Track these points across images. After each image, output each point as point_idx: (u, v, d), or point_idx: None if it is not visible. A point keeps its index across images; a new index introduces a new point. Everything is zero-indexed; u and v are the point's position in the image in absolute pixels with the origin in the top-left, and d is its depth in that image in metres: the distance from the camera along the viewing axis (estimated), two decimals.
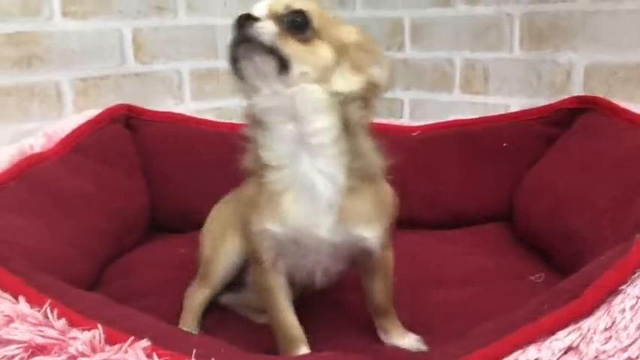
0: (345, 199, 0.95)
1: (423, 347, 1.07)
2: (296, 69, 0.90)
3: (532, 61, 1.95)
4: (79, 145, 1.59)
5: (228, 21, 2.13)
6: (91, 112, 1.72)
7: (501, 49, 2.00)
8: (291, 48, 0.90)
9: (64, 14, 1.77)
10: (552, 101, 1.76)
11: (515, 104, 1.98)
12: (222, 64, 2.14)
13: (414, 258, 1.48)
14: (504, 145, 1.74)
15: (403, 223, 1.68)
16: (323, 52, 0.93)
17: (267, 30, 0.88)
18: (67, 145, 1.57)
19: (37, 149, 1.51)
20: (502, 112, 1.92)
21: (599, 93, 1.74)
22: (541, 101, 1.83)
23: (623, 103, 1.57)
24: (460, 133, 1.80)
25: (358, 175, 0.96)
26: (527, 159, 1.70)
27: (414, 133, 1.84)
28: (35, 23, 1.72)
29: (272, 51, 0.88)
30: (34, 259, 1.12)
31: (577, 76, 1.86)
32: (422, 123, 1.89)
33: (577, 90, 1.85)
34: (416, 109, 2.26)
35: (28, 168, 1.39)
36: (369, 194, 0.98)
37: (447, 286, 1.31)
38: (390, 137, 1.77)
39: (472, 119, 1.84)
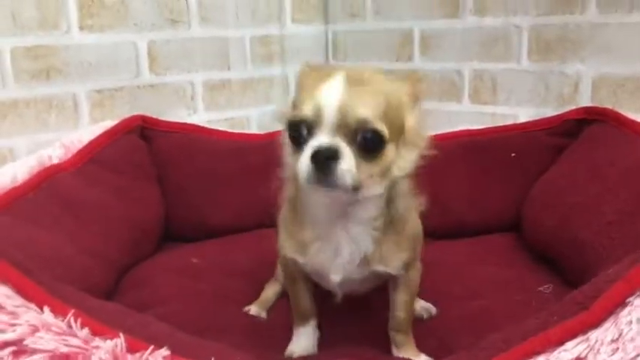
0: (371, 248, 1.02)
1: None
2: (365, 190, 0.93)
3: (540, 72, 1.96)
4: (96, 156, 1.63)
5: (241, 33, 2.19)
6: (107, 123, 1.76)
7: (509, 60, 2.02)
8: (364, 174, 0.90)
9: (81, 27, 1.81)
10: (560, 112, 1.78)
11: (524, 114, 2.00)
12: (234, 74, 2.20)
13: (423, 269, 1.50)
14: (512, 155, 1.76)
15: None
16: (389, 157, 0.93)
17: (350, 175, 0.88)
18: (84, 156, 1.60)
19: (55, 160, 1.55)
20: (510, 122, 1.94)
21: (607, 104, 1.76)
22: (549, 112, 1.85)
23: (631, 115, 1.59)
24: (468, 143, 1.82)
25: (388, 224, 1.02)
26: (535, 169, 1.72)
27: None
28: (53, 36, 1.76)
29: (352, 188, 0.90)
30: (55, 269, 1.15)
31: (585, 87, 1.88)
32: (431, 133, 1.91)
33: (585, 101, 1.86)
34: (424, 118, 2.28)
35: (47, 179, 1.42)
36: (395, 235, 1.03)
37: (456, 299, 1.32)
38: None
39: (480, 129, 1.86)
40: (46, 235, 1.25)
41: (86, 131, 1.71)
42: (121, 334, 0.79)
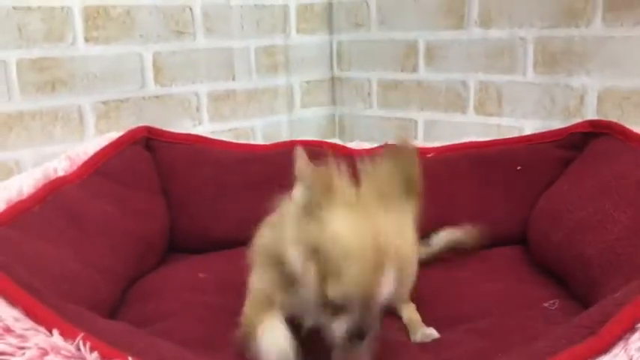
0: None
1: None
2: None
3: (546, 85, 1.96)
4: (101, 167, 1.62)
5: (245, 43, 2.20)
6: (113, 135, 1.76)
7: (515, 72, 2.02)
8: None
9: (87, 39, 1.82)
10: (566, 125, 1.78)
11: (529, 127, 2.00)
12: (239, 85, 2.21)
13: (427, 286, 1.49)
14: (518, 168, 1.76)
15: None
16: None
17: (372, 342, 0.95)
18: (90, 168, 1.60)
19: (61, 172, 1.55)
20: (516, 134, 1.94)
21: (612, 117, 1.75)
22: (555, 124, 1.85)
23: (636, 128, 1.59)
24: (474, 155, 1.81)
25: None
26: (541, 182, 1.71)
27: (428, 155, 1.86)
28: (59, 49, 1.77)
29: None
30: (61, 284, 1.14)
31: (590, 100, 1.88)
32: (436, 144, 1.91)
33: (590, 114, 1.86)
34: (430, 130, 2.29)
35: (52, 192, 1.42)
36: None
37: (462, 321, 1.29)
38: None
39: (486, 141, 1.86)
40: (51, 250, 1.25)
41: (91, 143, 1.71)
42: (130, 358, 0.78)
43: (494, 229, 1.73)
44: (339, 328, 0.91)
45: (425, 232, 1.72)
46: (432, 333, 1.26)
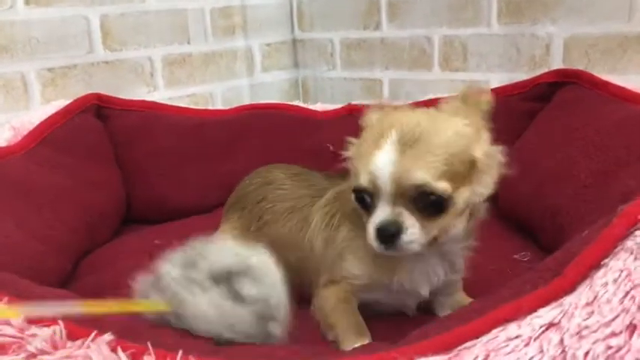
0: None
1: None
2: (442, 239, 0.94)
3: (511, 36, 1.91)
4: (48, 137, 1.54)
5: (200, 4, 2.10)
6: (60, 103, 1.66)
7: (479, 24, 1.96)
8: (435, 230, 0.91)
9: (27, 2, 1.70)
10: (532, 76, 1.74)
11: (495, 80, 1.95)
12: (195, 49, 2.11)
13: None
14: None
15: None
16: (461, 202, 0.92)
17: (416, 243, 0.90)
18: (36, 138, 1.51)
19: (3, 143, 1.46)
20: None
21: (579, 66, 1.72)
22: (521, 76, 1.80)
23: (604, 76, 1.55)
24: None
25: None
26: (508, 135, 1.66)
27: None
28: None
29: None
30: (2, 256, 1.07)
31: (556, 49, 1.83)
32: (402, 102, 1.86)
33: (557, 63, 1.82)
34: (395, 88, 2.22)
35: None
36: None
37: None
38: None
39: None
40: None
41: (37, 112, 1.62)
42: (60, 321, 0.72)
43: None
44: (371, 225, 0.90)
45: None
46: None
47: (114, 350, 0.70)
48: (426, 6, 2.06)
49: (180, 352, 0.69)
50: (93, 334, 0.71)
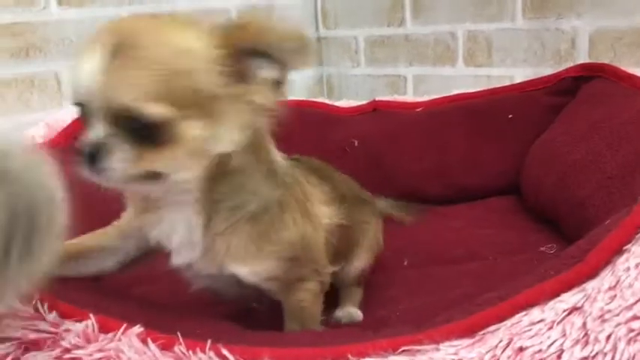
0: (217, 239, 0.85)
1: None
2: (170, 178, 0.78)
3: (536, 30, 1.91)
4: (81, 134, 1.58)
5: (226, 3, 2.13)
6: None
7: (503, 19, 1.97)
8: (152, 163, 0.75)
9: (60, 3, 1.75)
10: (557, 70, 1.74)
11: (520, 75, 1.95)
12: None
13: (420, 234, 1.47)
14: (510, 116, 1.72)
15: (408, 200, 1.69)
16: (190, 136, 0.75)
17: (121, 172, 0.75)
18: (69, 135, 1.56)
19: (39, 140, 1.51)
20: (506, 83, 1.89)
21: (605, 59, 1.71)
22: (546, 71, 1.80)
23: (630, 69, 1.54)
24: (464, 106, 1.78)
25: (238, 213, 0.84)
26: (533, 130, 1.68)
27: (417, 109, 1.82)
28: (31, 13, 1.71)
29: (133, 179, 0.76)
30: None
31: (582, 43, 1.83)
32: (425, 98, 1.87)
33: (582, 57, 1.82)
34: (419, 84, 2.24)
35: None
36: (257, 232, 0.85)
37: (455, 262, 1.30)
38: (393, 114, 1.82)
39: (476, 92, 1.82)
40: None
41: (70, 110, 1.67)
42: (92, 315, 0.74)
43: (487, 180, 1.71)
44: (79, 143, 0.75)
45: (417, 185, 1.70)
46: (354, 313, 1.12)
47: (144, 342, 0.71)
48: (449, 2, 2.07)
49: (209, 341, 0.70)
50: (123, 327, 0.73)
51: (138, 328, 0.73)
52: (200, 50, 0.75)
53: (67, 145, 1.53)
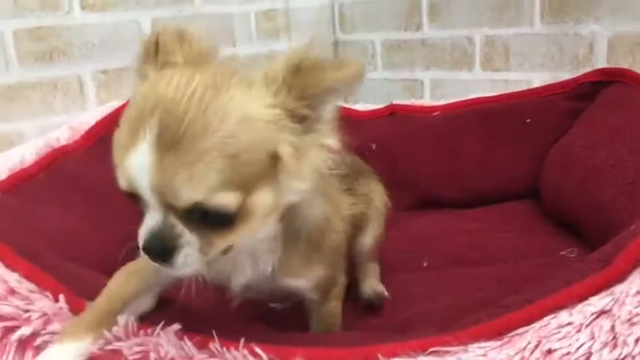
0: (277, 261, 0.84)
1: None
2: (243, 244, 0.75)
3: (554, 35, 1.91)
4: (104, 136, 1.61)
5: (245, 8, 2.15)
6: (114, 104, 1.73)
7: (521, 23, 1.97)
8: (221, 245, 0.71)
9: (83, 7, 1.78)
10: (575, 75, 1.74)
11: (537, 79, 1.96)
12: (241, 50, 2.17)
13: (438, 237, 1.48)
14: (527, 121, 1.73)
15: (425, 203, 1.70)
16: (259, 211, 0.70)
17: (194, 265, 0.69)
18: (92, 137, 1.58)
19: (63, 142, 1.53)
20: (524, 88, 1.90)
21: (624, 64, 1.71)
22: (564, 75, 1.80)
23: None
24: (482, 111, 1.79)
25: (296, 236, 0.83)
26: (551, 135, 1.68)
27: (434, 113, 1.83)
28: (55, 17, 1.74)
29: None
30: (68, 247, 1.14)
31: (600, 48, 1.83)
32: (442, 102, 1.88)
33: (600, 62, 1.82)
34: (436, 88, 2.24)
35: (56, 160, 1.41)
36: (307, 246, 0.85)
37: (475, 265, 1.30)
38: (411, 117, 1.83)
39: (493, 97, 1.83)
40: (57, 215, 1.24)
41: (93, 113, 1.69)
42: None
43: (505, 184, 1.72)
44: (140, 232, 0.69)
45: (434, 189, 1.71)
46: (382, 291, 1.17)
47: (181, 339, 0.74)
48: (467, 6, 2.08)
49: (242, 340, 0.72)
50: (162, 324, 0.76)
51: (176, 326, 0.75)
52: (260, 116, 0.68)
53: (90, 147, 1.56)
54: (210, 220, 0.66)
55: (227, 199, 0.65)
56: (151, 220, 0.68)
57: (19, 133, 1.71)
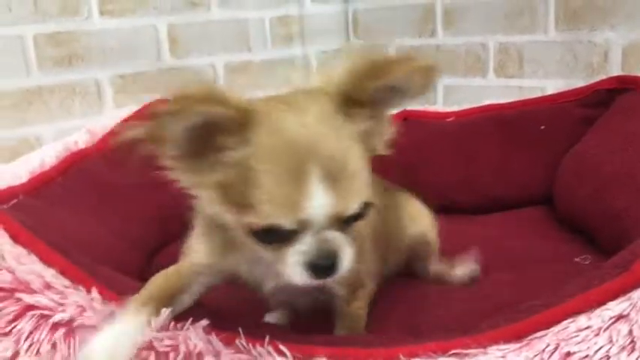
0: None
1: None
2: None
3: (568, 42, 1.92)
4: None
5: (260, 14, 2.17)
6: (131, 108, 1.76)
7: (536, 31, 1.98)
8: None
9: (102, 13, 1.81)
10: (589, 82, 1.74)
11: (551, 87, 1.96)
12: (255, 56, 2.19)
13: (453, 241, 1.48)
14: (542, 128, 1.73)
15: (440, 210, 1.70)
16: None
17: (349, 266, 0.77)
18: (109, 140, 1.60)
19: (82, 145, 1.55)
20: (538, 95, 1.90)
21: (638, 72, 1.71)
22: (578, 83, 1.80)
23: None
24: (495, 117, 1.79)
25: None
26: (565, 141, 1.69)
27: (448, 119, 1.84)
28: (74, 23, 1.76)
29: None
30: (87, 251, 1.15)
31: (615, 55, 1.83)
32: (456, 108, 1.89)
33: (615, 70, 1.82)
34: (450, 94, 2.25)
35: (75, 163, 1.43)
36: None
37: (488, 270, 1.30)
38: (424, 123, 1.83)
39: (507, 103, 1.83)
40: (76, 218, 1.26)
41: (110, 117, 1.72)
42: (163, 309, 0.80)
43: (518, 190, 1.72)
44: (294, 257, 0.73)
45: (448, 195, 1.72)
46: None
47: (209, 334, 0.78)
48: (481, 13, 2.09)
49: (267, 337, 0.75)
50: (190, 320, 0.79)
51: (204, 322, 0.79)
52: (356, 124, 0.78)
53: (108, 150, 1.58)
54: (347, 223, 0.76)
55: (371, 194, 0.76)
56: (313, 242, 0.74)
57: (38, 136, 1.73)
